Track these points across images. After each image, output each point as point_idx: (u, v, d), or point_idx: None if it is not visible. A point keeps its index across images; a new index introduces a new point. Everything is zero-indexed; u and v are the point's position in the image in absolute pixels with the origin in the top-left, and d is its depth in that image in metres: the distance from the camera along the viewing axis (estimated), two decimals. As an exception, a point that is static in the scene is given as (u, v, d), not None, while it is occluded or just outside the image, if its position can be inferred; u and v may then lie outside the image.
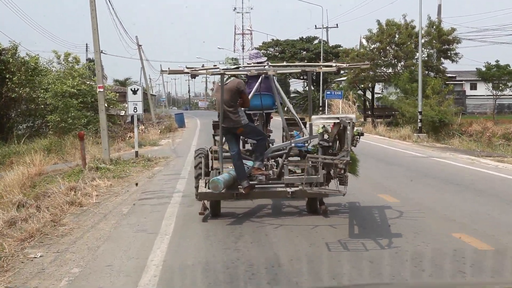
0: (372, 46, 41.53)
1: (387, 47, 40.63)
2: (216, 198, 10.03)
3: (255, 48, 76.44)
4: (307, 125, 10.70)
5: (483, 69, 52.60)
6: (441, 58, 41.47)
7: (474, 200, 11.87)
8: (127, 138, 38.86)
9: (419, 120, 31.58)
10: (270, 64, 11.11)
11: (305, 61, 70.67)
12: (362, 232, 9.08)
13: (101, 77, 20.57)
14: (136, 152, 21.20)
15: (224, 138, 10.30)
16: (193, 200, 11.55)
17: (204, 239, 8.79)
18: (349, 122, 8.80)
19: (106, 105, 20.36)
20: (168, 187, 14.07)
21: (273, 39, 75.09)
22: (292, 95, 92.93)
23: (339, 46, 71.90)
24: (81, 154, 18.95)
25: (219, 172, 10.16)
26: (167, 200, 12.35)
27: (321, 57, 62.25)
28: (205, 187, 10.04)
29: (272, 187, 10.17)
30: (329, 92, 56.95)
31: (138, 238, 9.07)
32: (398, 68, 41.62)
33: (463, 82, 70.15)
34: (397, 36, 40.35)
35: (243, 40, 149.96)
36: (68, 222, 10.42)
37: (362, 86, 42.81)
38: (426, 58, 41.24)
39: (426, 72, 40.56)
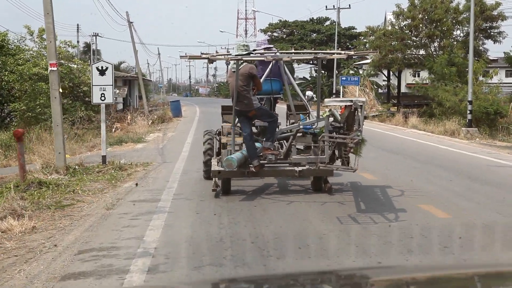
0: (402, 24, 35.22)
1: (420, 25, 34.35)
2: (228, 175, 10.55)
3: (260, 30, 70.23)
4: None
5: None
6: (482, 38, 35.22)
7: None
8: (113, 130, 33.17)
9: (468, 112, 25.39)
10: (280, 51, 11.84)
11: (316, 44, 64.53)
12: (368, 207, 9.62)
13: (54, 50, 14.41)
14: (103, 157, 15.07)
15: (237, 120, 10.92)
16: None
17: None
18: (361, 105, 9.49)
19: (61, 90, 14.20)
20: (130, 236, 7.89)
21: (280, 20, 68.84)
22: (297, 82, 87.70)
23: (353, 28, 65.81)
24: (19, 163, 12.91)
25: (230, 152, 10.68)
26: (118, 280, 6.21)
27: (335, 39, 56.03)
28: (218, 165, 10.77)
29: (281, 166, 10.87)
30: (344, 78, 51.00)
31: None
32: (432, 49, 35.36)
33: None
34: (432, 11, 34.02)
35: (246, 24, 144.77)
36: None
37: (391, 70, 36.46)
38: (464, 38, 35.05)
39: (465, 54, 34.39)
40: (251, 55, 11.09)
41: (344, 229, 8.21)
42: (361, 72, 65.99)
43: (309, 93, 38.99)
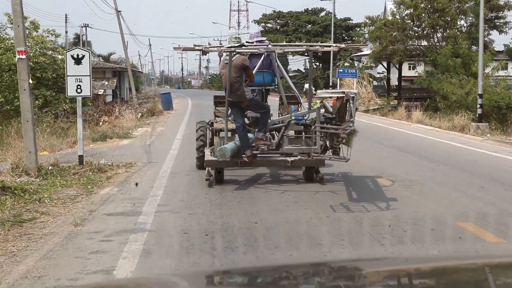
0: (404, 13, 33.47)
1: (422, 14, 32.61)
2: (222, 165, 10.73)
3: (254, 21, 68.35)
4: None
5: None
6: (487, 28, 33.52)
7: None
8: (100, 123, 31.40)
9: (478, 106, 23.70)
10: (272, 43, 12.61)
11: (311, 35, 62.79)
12: (360, 196, 9.79)
13: (22, 36, 12.60)
14: (80, 157, 13.28)
15: (229, 111, 11.10)
16: None
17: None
18: (353, 96, 9.43)
19: (31, 81, 12.49)
20: (97, 269, 6.07)
21: (274, 11, 67.13)
22: (291, 74, 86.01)
23: (349, 19, 64.11)
24: (-21, 164, 11.16)
25: (223, 142, 10.90)
26: None
27: (331, 31, 54.27)
28: (211, 156, 10.97)
29: (273, 156, 11.00)
30: (341, 70, 49.36)
31: None
32: (435, 40, 33.66)
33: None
34: (435, 0, 32.27)
35: (239, 16, 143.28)
36: None
37: (391, 61, 34.68)
38: (468, 28, 33.41)
39: (470, 45, 32.74)
40: (244, 47, 11.19)
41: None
42: (357, 64, 64.57)
43: (307, 85, 37.35)
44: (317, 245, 6.94)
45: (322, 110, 10.85)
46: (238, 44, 11.10)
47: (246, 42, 11.81)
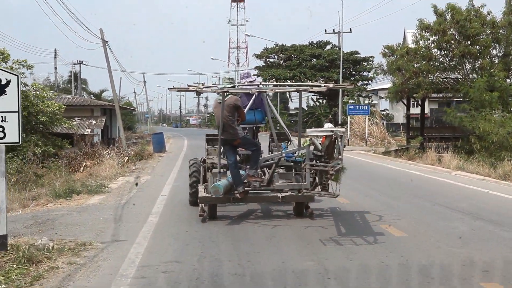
0: (430, 39, 29.18)
1: (452, 41, 28.31)
2: (215, 201, 11.04)
3: (255, 55, 64.01)
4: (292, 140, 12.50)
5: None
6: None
7: None
8: (81, 169, 26.99)
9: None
10: (263, 83, 12.97)
11: (316, 70, 58.61)
12: (348, 231, 10.10)
13: None
14: (3, 239, 8.57)
15: (222, 148, 11.48)
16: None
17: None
18: (341, 135, 10.02)
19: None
20: None
21: (276, 44, 62.87)
22: (292, 112, 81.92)
23: (356, 52, 59.99)
24: None
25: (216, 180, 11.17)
26: None
27: (340, 66, 50.11)
28: (204, 192, 11.28)
29: (264, 192, 11.39)
30: (352, 107, 45.21)
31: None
32: (468, 70, 29.35)
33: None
34: (466, 25, 28.01)
35: (237, 53, 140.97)
36: None
37: (416, 96, 30.17)
38: (503, 58, 29.13)
39: (506, 77, 28.44)
40: (236, 87, 11.57)
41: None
42: (362, 101, 60.24)
43: (327, 125, 32.49)
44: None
45: (312, 148, 11.32)
46: (231, 85, 11.38)
47: (238, 82, 12.45)
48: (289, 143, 12.58)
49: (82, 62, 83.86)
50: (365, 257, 8.28)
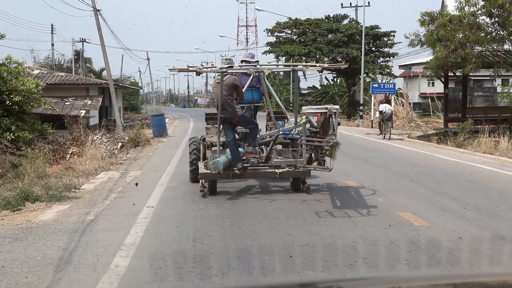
0: (480, 4, 24.46)
1: (507, 5, 23.60)
2: (214, 177, 11.29)
3: (266, 30, 58.99)
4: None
5: None
6: None
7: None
8: (68, 156, 23.02)
9: None
10: (261, 64, 12.75)
11: (333, 45, 53.79)
12: (343, 204, 10.36)
13: None
14: None
15: (221, 127, 11.66)
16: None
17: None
18: (335, 112, 10.26)
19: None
20: None
21: (290, 18, 58.03)
22: (306, 91, 77.65)
23: (377, 26, 55.22)
24: None
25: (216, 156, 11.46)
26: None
27: (362, 41, 45.49)
28: (204, 169, 11.47)
29: (262, 168, 11.70)
30: (376, 85, 40.64)
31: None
32: (522, 42, 24.69)
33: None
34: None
35: (247, 32, 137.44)
36: None
37: (462, 70, 25.42)
38: None
39: None
40: (234, 68, 11.74)
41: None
42: (380, 79, 55.42)
43: (383, 105, 27.30)
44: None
45: (308, 125, 11.59)
46: (229, 65, 11.52)
47: (241, 60, 13.09)
48: (286, 121, 13.06)
49: (85, 40, 79.60)
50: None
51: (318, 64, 13.33)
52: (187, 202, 10.75)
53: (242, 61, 13.07)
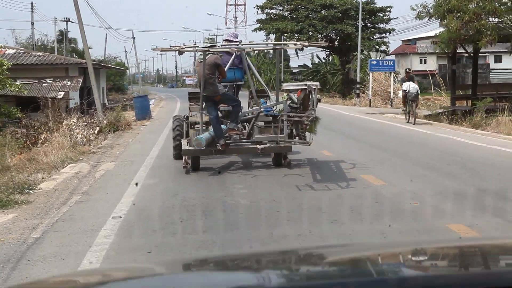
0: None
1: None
2: (197, 154, 11.58)
3: (256, 6, 56.19)
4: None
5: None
6: None
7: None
8: (39, 143, 20.71)
9: None
10: (243, 43, 12.56)
11: (327, 22, 51.21)
12: (323, 178, 10.67)
13: None
14: None
15: (204, 104, 11.90)
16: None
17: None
18: (314, 88, 10.73)
19: None
20: None
21: (282, -7, 55.26)
22: (298, 69, 75.41)
23: (373, 2, 52.66)
24: None
25: (199, 132, 11.68)
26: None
27: (359, 17, 43.01)
28: (187, 145, 11.75)
29: (244, 144, 11.84)
30: (375, 63, 38.22)
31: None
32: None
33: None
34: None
35: (235, 11, 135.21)
36: None
37: (479, 44, 22.96)
38: None
39: None
40: (216, 47, 11.99)
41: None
42: (374, 55, 52.85)
43: (407, 84, 23.74)
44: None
45: (289, 102, 11.68)
46: (211, 44, 12.01)
47: (225, 39, 13.24)
48: (267, 99, 13.08)
49: (69, 19, 76.56)
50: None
51: (299, 43, 13.69)
52: (166, 209, 8.35)
53: (224, 40, 13.40)
